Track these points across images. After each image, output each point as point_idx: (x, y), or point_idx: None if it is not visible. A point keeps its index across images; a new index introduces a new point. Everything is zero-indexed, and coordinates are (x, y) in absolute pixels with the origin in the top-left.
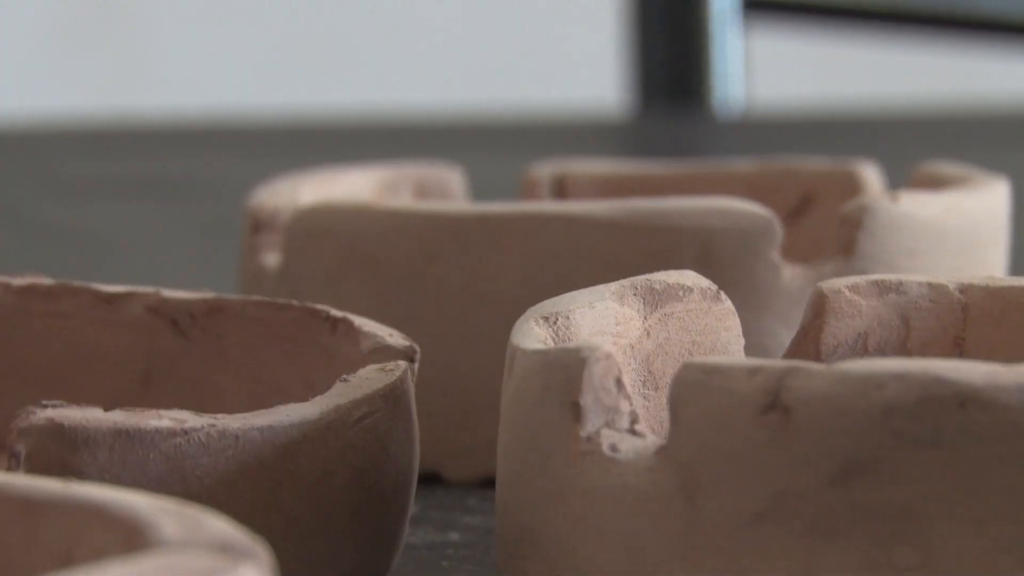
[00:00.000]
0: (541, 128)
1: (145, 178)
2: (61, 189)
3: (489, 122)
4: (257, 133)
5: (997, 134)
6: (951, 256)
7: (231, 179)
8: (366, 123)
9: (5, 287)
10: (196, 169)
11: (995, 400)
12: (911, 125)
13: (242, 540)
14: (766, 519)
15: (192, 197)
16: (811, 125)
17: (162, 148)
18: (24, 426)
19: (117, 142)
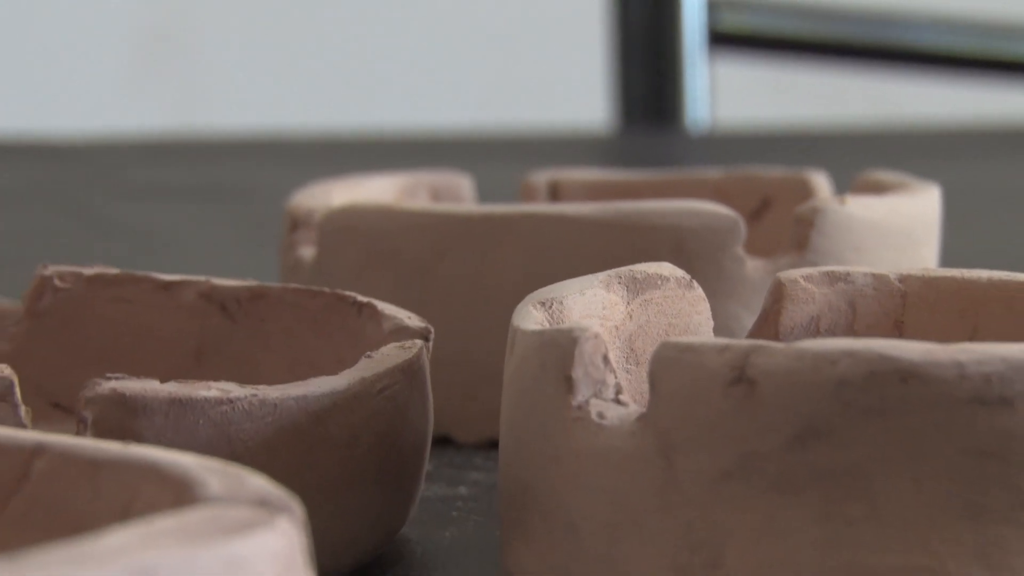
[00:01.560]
0: (538, 142)
1: (200, 184)
2: (128, 193)
3: (494, 137)
4: (296, 146)
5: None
6: (891, 251)
7: (273, 185)
8: (389, 138)
9: (76, 276)
10: (244, 177)
11: (932, 374)
12: (854, 139)
13: (279, 496)
14: (733, 477)
15: (240, 200)
16: (768, 139)
17: (215, 159)
18: (91, 395)
19: (177, 153)
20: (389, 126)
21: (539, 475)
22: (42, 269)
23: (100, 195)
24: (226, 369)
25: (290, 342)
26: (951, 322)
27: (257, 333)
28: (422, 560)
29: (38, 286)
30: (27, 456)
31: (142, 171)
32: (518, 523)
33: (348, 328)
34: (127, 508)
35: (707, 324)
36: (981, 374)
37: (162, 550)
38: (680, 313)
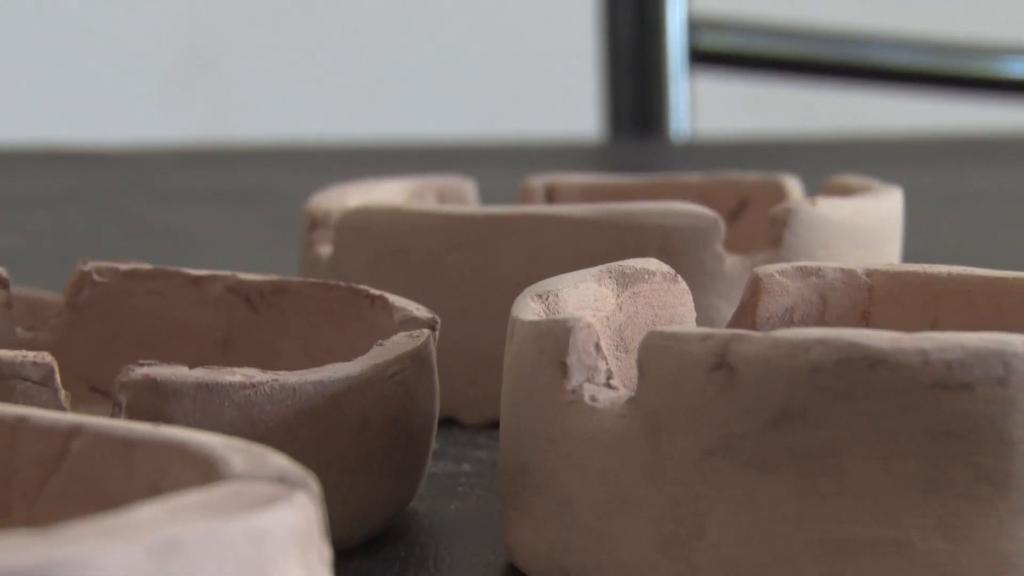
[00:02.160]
0: (535, 150)
1: (227, 188)
2: (162, 196)
3: (495, 145)
4: (315, 153)
5: (887, 154)
6: (858, 248)
7: (294, 189)
8: (399, 146)
9: (113, 271)
10: (267, 181)
11: (898, 361)
12: (822, 147)
13: (297, 473)
14: (715, 456)
15: (264, 203)
16: (744, 148)
17: (241, 165)
18: (125, 380)
19: (207, 160)
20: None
21: (536, 454)
22: (82, 265)
23: (137, 198)
24: (250, 356)
25: (308, 331)
26: (914, 313)
27: (279, 323)
28: (429, 532)
29: (78, 280)
30: (65, 436)
31: (175, 176)
32: (517, 498)
33: (362, 319)
34: (157, 484)
35: (690, 315)
36: (943, 361)
37: (188, 524)
38: (666, 305)
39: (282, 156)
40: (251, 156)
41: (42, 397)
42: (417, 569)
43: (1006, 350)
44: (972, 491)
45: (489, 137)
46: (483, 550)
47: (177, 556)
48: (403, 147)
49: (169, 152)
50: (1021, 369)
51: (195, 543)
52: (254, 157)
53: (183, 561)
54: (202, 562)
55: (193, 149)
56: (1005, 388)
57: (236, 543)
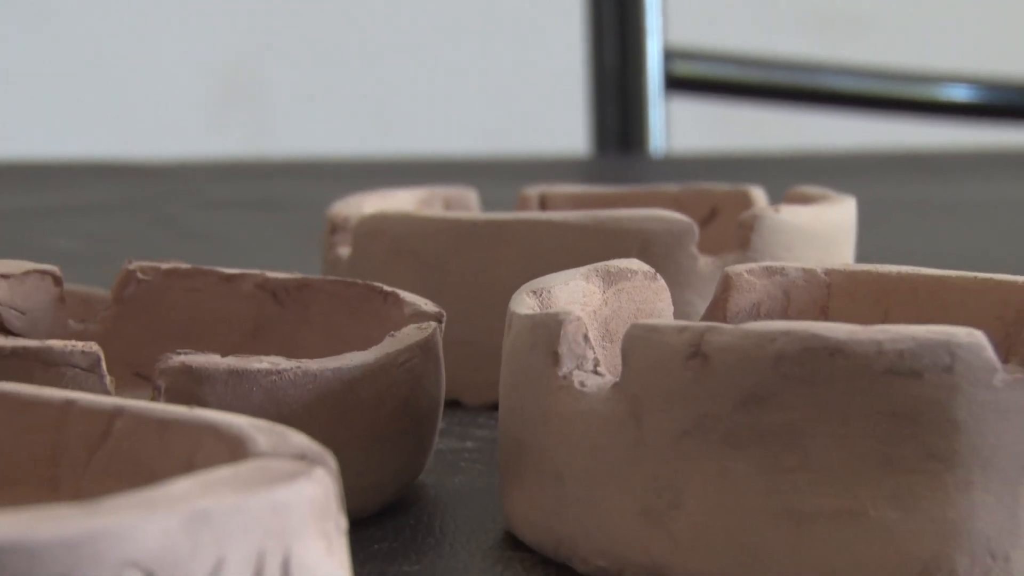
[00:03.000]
0: (531, 164)
1: (260, 198)
2: (202, 205)
3: (496, 160)
4: (336, 166)
5: (840, 167)
6: (816, 250)
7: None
8: (411, 160)
9: (155, 269)
10: (294, 191)
11: (855, 350)
12: (784, 161)
13: (316, 450)
14: (690, 435)
15: (291, 210)
16: (714, 162)
17: (274, 177)
18: (164, 367)
19: (242, 173)
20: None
21: (531, 433)
22: (127, 264)
23: (181, 206)
24: (276, 346)
25: (329, 324)
26: (867, 308)
27: (302, 317)
28: (435, 502)
29: (124, 278)
30: (108, 417)
31: (216, 187)
32: (514, 472)
33: (376, 312)
34: (190, 461)
35: (668, 309)
36: (895, 350)
37: (217, 497)
38: (646, 300)
39: (309, 169)
40: (282, 169)
41: (89, 382)
42: (424, 536)
43: (951, 341)
44: (921, 466)
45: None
46: (484, 519)
47: (207, 526)
48: (414, 161)
49: (211, 166)
50: (965, 358)
51: (224, 514)
52: (285, 170)
53: (213, 530)
54: (230, 531)
55: (233, 163)
56: (951, 375)
57: (261, 514)
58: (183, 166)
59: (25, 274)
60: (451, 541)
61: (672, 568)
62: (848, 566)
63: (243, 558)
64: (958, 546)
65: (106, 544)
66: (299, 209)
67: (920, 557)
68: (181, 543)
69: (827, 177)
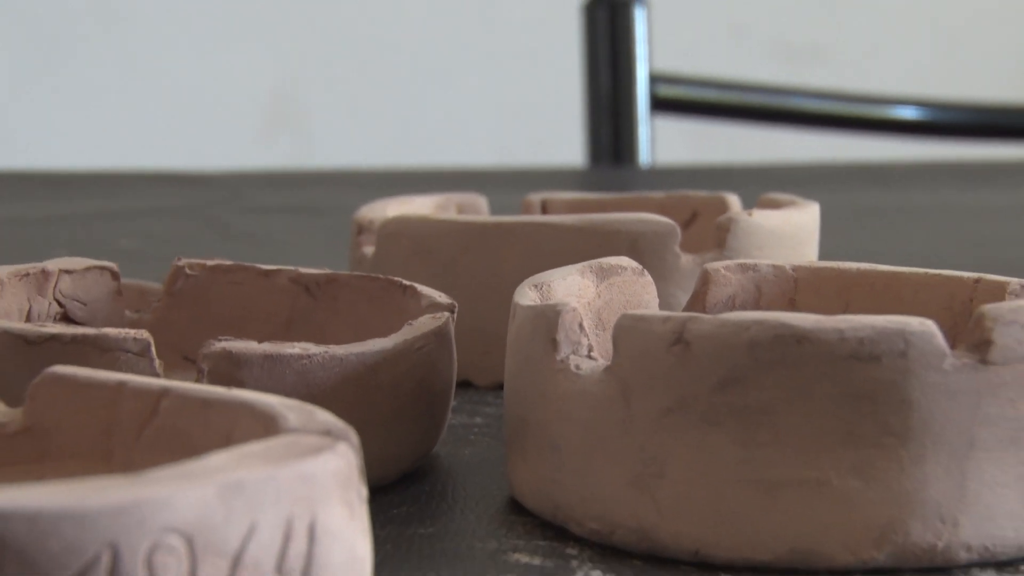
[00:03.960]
0: (534, 174)
1: (298, 204)
2: (248, 210)
3: (503, 170)
4: (364, 176)
5: (806, 177)
6: (785, 249)
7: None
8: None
9: (202, 266)
10: (327, 198)
11: (820, 338)
12: (755, 171)
13: (340, 426)
14: (673, 412)
15: (324, 214)
16: (694, 172)
17: (310, 186)
18: (207, 352)
19: (285, 183)
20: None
21: (532, 411)
22: (177, 261)
23: (228, 211)
24: (307, 334)
25: (354, 314)
26: (830, 300)
27: (331, 307)
28: (448, 472)
29: (174, 274)
30: (156, 397)
31: (258, 195)
32: (517, 446)
33: (396, 304)
34: (229, 436)
35: (654, 301)
36: (856, 338)
37: (250, 469)
38: (635, 293)
39: (340, 178)
40: (317, 179)
41: (140, 366)
42: (438, 502)
43: (906, 329)
44: (879, 441)
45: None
46: (491, 486)
47: (241, 495)
48: (432, 171)
49: (256, 176)
50: (918, 344)
51: (256, 484)
52: (319, 180)
53: (246, 499)
54: (261, 500)
55: (275, 174)
56: (905, 360)
57: (290, 484)
58: (232, 176)
59: (86, 270)
60: (461, 506)
61: (657, 530)
62: (814, 530)
63: (273, 524)
64: (912, 512)
65: (149, 511)
66: (330, 213)
67: (878, 522)
68: (217, 510)
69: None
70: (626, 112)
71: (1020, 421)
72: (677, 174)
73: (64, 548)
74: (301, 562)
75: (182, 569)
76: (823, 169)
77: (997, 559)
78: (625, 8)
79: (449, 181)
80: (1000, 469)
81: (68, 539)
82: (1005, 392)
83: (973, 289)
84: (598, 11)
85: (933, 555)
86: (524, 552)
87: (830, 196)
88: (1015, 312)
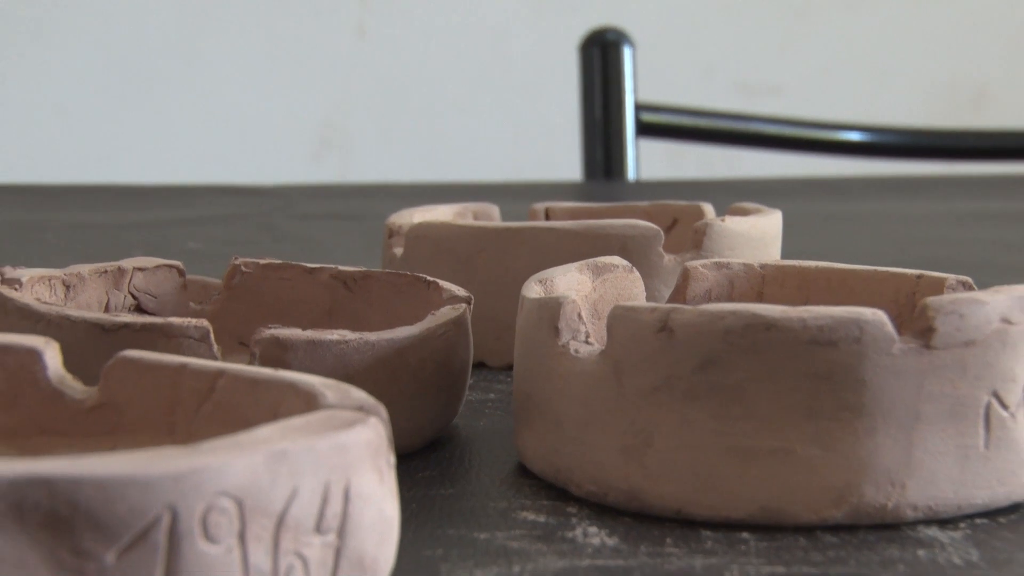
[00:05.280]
0: (539, 187)
1: (340, 212)
2: (298, 217)
3: (512, 184)
4: (396, 189)
5: (768, 190)
6: (753, 250)
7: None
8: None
9: (255, 264)
10: (364, 207)
11: (785, 326)
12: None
13: (372, 402)
14: (660, 390)
15: (361, 220)
16: (674, 185)
17: (349, 196)
18: (258, 338)
19: (330, 194)
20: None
21: (537, 388)
22: (234, 260)
23: (281, 218)
24: (345, 322)
25: (385, 305)
26: (792, 293)
27: (365, 299)
28: (465, 441)
29: (231, 271)
30: (213, 377)
31: (306, 204)
32: (524, 418)
33: (421, 296)
34: (275, 412)
35: (642, 295)
36: (816, 325)
37: (293, 439)
38: (625, 287)
39: (375, 191)
40: (356, 191)
41: (200, 350)
42: (457, 467)
43: (860, 318)
44: (837, 415)
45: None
46: (502, 454)
47: (285, 463)
48: (452, 184)
49: (305, 189)
50: (870, 331)
51: (298, 453)
52: (358, 192)
53: (289, 466)
54: (303, 467)
55: (321, 187)
56: (859, 344)
57: (327, 453)
58: (285, 189)
59: (156, 267)
60: (476, 471)
61: (645, 492)
62: (781, 492)
63: (313, 488)
64: (865, 477)
65: (205, 477)
66: (366, 220)
67: (836, 485)
68: (264, 476)
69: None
70: (616, 135)
71: (958, 398)
72: (659, 187)
73: (129, 510)
74: (337, 521)
75: (233, 528)
76: (782, 183)
77: (939, 517)
78: (615, 48)
79: (467, 193)
80: (941, 439)
81: (133, 502)
82: (945, 373)
83: (916, 284)
84: (592, 51)
85: (884, 514)
86: (530, 510)
87: (789, 205)
88: (954, 304)
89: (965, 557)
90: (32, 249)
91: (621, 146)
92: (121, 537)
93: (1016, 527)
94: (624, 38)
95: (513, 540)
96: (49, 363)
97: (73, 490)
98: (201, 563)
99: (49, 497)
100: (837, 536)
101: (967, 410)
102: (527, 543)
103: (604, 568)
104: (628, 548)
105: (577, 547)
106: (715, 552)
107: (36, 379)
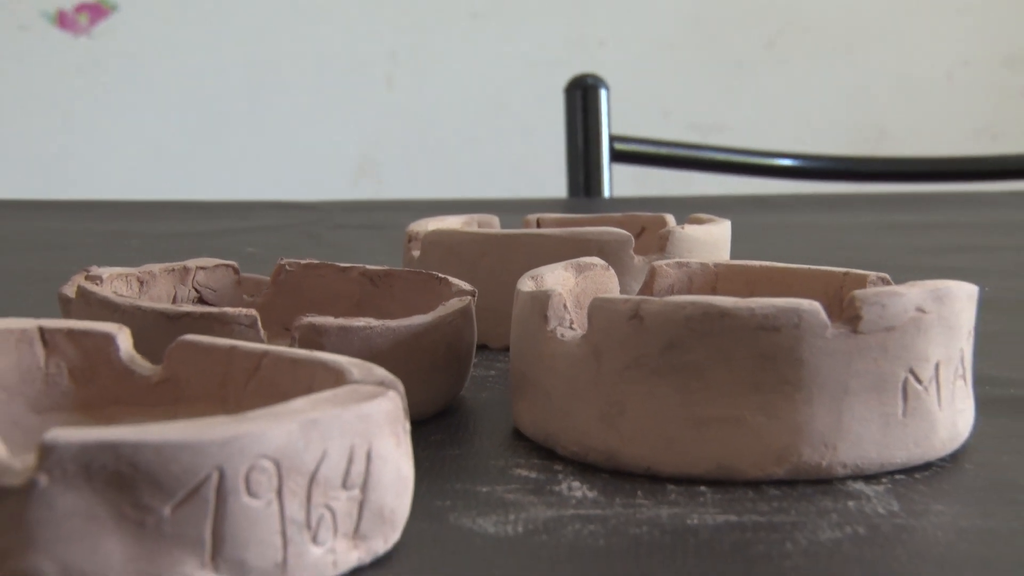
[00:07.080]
0: (531, 202)
1: (372, 223)
2: (337, 228)
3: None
4: (417, 204)
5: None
6: (707, 253)
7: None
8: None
9: (297, 263)
10: (390, 218)
11: (737, 314)
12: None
13: (391, 378)
14: (631, 368)
15: (387, 229)
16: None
17: (379, 210)
18: (298, 325)
19: (365, 209)
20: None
21: (530, 366)
22: (280, 261)
23: (322, 228)
24: (371, 311)
25: (405, 298)
26: (741, 287)
27: (388, 293)
28: (470, 410)
29: (278, 270)
30: (259, 357)
31: (344, 216)
32: (519, 392)
33: (434, 291)
34: (310, 387)
35: (616, 289)
36: (763, 314)
37: (323, 410)
38: (602, 283)
39: (400, 206)
40: (385, 207)
41: (249, 334)
42: (463, 431)
43: (799, 308)
44: (779, 389)
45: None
46: (500, 421)
47: (316, 429)
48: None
49: (344, 204)
50: (807, 319)
51: (327, 421)
52: (386, 207)
53: (320, 432)
54: (331, 433)
55: (357, 203)
56: (798, 330)
57: (352, 421)
58: (326, 204)
59: (215, 267)
60: (479, 435)
61: (619, 453)
62: (732, 452)
63: (340, 451)
64: (803, 440)
65: (248, 442)
66: (391, 228)
67: (778, 447)
68: (298, 441)
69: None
70: (594, 161)
71: (880, 374)
72: (629, 202)
73: (183, 470)
74: (361, 479)
75: (272, 485)
76: (729, 199)
77: (864, 473)
78: (594, 91)
79: (473, 207)
80: (866, 408)
81: (186, 463)
82: (870, 353)
83: (843, 280)
84: (575, 92)
85: (819, 471)
86: (524, 468)
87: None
88: (877, 296)
89: (887, 507)
90: (120, 253)
91: (599, 170)
92: (176, 493)
93: (929, 482)
94: (601, 82)
95: (509, 493)
96: (121, 345)
97: (134, 453)
98: (245, 515)
99: (114, 459)
100: (780, 489)
101: (888, 384)
102: (521, 495)
103: (585, 516)
104: (605, 500)
105: (563, 499)
106: (678, 503)
107: (110, 359)
